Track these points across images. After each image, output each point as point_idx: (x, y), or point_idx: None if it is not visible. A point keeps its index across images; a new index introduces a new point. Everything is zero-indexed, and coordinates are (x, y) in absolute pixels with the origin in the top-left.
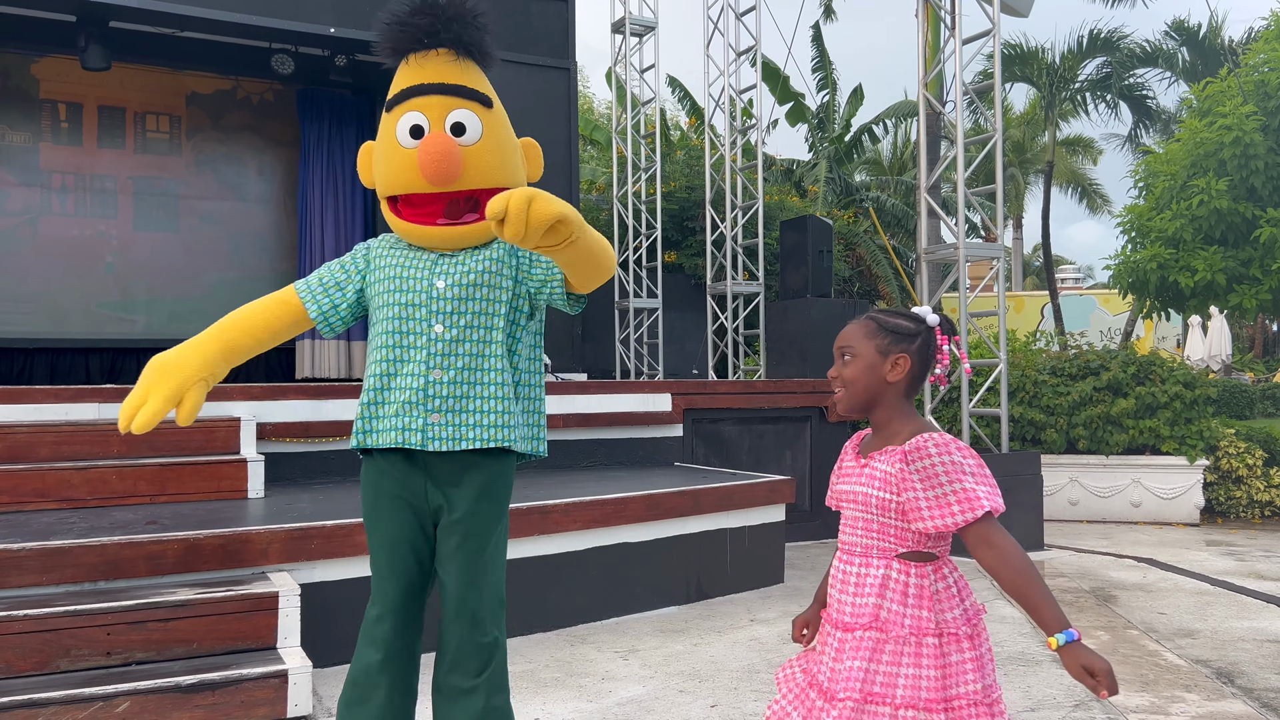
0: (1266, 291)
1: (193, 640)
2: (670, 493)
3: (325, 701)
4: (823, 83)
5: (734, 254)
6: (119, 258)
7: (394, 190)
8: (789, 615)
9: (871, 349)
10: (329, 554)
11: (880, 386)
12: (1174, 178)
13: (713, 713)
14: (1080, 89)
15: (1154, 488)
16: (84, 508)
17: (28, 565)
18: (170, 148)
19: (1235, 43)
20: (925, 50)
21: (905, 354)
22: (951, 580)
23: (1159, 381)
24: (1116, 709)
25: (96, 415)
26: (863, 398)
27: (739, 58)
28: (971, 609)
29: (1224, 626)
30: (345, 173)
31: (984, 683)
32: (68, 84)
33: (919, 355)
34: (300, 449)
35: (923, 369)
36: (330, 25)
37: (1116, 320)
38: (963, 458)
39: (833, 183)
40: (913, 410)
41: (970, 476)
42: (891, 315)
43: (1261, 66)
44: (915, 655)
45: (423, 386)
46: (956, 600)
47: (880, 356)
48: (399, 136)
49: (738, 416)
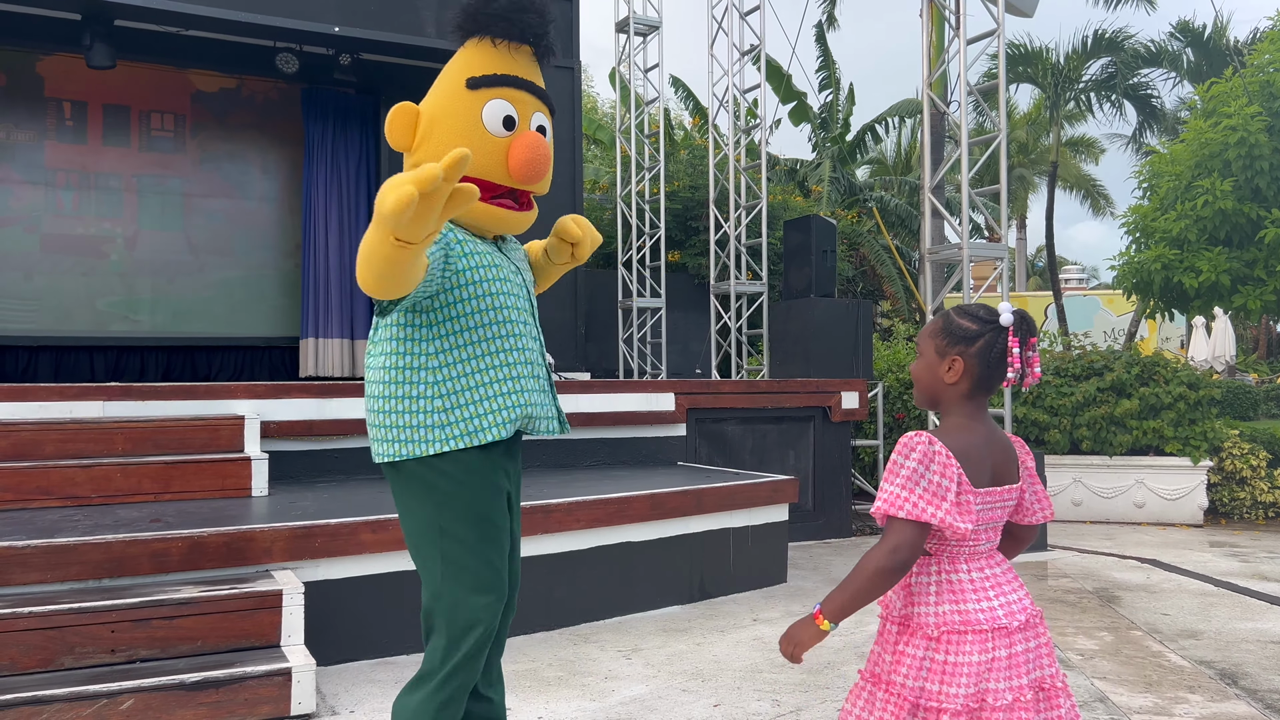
0: (1271, 292)
1: (197, 638)
2: (673, 492)
3: (328, 699)
4: (826, 82)
5: (737, 253)
6: (123, 256)
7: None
8: (792, 615)
9: (932, 348)
10: (333, 552)
11: (939, 386)
12: (1179, 178)
13: (715, 712)
14: (1085, 89)
15: (1158, 489)
16: (88, 505)
17: (32, 563)
18: (175, 146)
19: (1240, 43)
20: (930, 50)
21: (959, 356)
22: (933, 579)
23: (1163, 382)
24: (1120, 710)
25: (101, 413)
26: (926, 396)
27: (743, 57)
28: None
29: (1228, 628)
30: (349, 171)
31: (921, 684)
32: (73, 82)
33: (979, 358)
34: (304, 447)
35: (985, 372)
36: (335, 24)
37: (1120, 321)
38: (906, 459)
39: (836, 182)
40: (968, 412)
41: (899, 479)
42: (962, 313)
43: (1267, 67)
44: (878, 633)
45: (545, 374)
46: (932, 598)
47: (938, 357)
48: (487, 121)
49: (741, 416)
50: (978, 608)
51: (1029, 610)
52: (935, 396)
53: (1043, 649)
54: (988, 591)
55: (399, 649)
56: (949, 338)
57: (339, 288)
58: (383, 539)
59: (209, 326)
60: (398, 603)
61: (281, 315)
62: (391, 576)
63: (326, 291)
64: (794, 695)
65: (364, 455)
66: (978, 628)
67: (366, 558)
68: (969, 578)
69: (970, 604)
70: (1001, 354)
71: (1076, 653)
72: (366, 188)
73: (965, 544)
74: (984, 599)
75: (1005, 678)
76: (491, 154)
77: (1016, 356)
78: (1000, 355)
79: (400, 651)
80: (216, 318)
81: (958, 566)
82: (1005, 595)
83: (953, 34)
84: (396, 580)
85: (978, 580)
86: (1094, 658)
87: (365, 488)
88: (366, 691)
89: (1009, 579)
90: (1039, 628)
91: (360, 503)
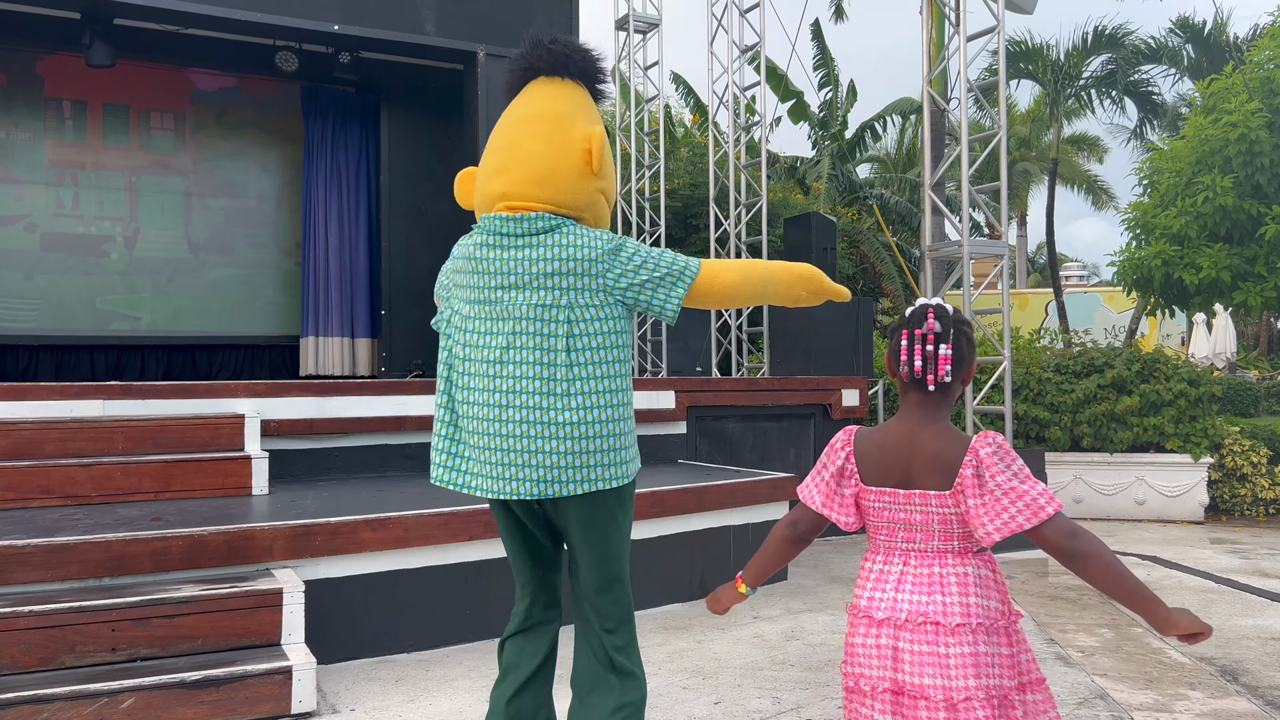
0: (1272, 289)
1: (197, 637)
2: (674, 490)
3: (329, 697)
4: (825, 79)
5: (738, 251)
6: (124, 255)
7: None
8: (792, 613)
9: None
10: (333, 551)
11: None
12: (1179, 174)
13: (716, 710)
14: (1085, 85)
15: (1158, 485)
16: (88, 504)
17: (33, 562)
18: (175, 145)
19: (1240, 40)
20: (930, 47)
21: (888, 351)
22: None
23: (1163, 379)
24: (1121, 706)
25: (101, 412)
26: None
27: (742, 55)
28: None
29: (1228, 624)
30: (349, 169)
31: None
32: (72, 81)
33: (892, 353)
34: (304, 445)
35: (896, 367)
36: (334, 23)
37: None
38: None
39: (836, 180)
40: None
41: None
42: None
43: (1267, 63)
44: None
45: None
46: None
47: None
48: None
49: (741, 414)
50: (863, 594)
51: (914, 612)
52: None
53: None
54: (876, 583)
55: (399, 647)
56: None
57: (339, 286)
58: (383, 537)
59: (209, 325)
60: (398, 601)
61: (282, 314)
62: (391, 575)
63: (327, 290)
64: (794, 693)
65: (364, 453)
66: (857, 613)
67: (366, 556)
68: (869, 568)
69: (863, 591)
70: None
71: (1077, 650)
72: (366, 186)
73: (877, 537)
74: (866, 587)
75: (872, 665)
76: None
77: (904, 349)
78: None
79: (401, 650)
80: (216, 316)
81: (868, 557)
82: (886, 591)
83: (953, 31)
84: (396, 579)
85: (876, 572)
86: (1094, 655)
87: (365, 486)
88: (367, 690)
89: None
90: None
91: (360, 501)
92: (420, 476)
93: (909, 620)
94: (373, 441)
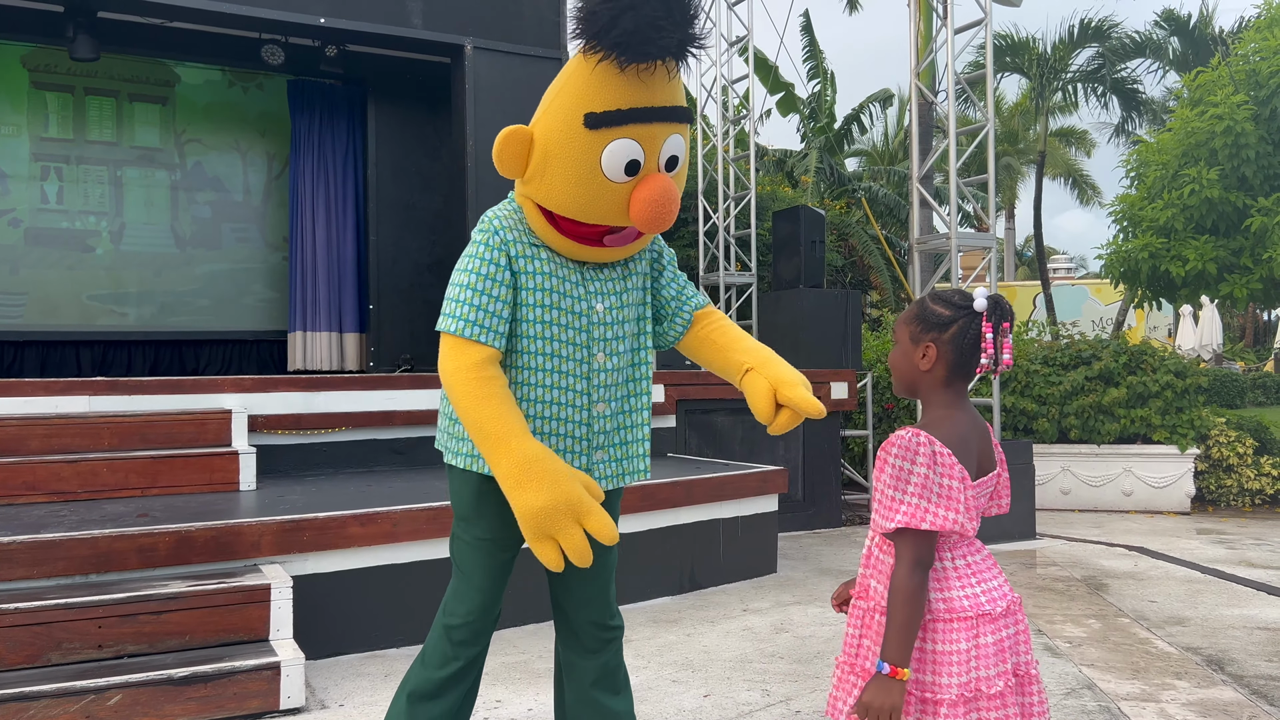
0: (1257, 280)
1: (185, 633)
2: (663, 483)
3: (318, 693)
4: (814, 71)
5: (726, 244)
6: (109, 249)
7: (581, 218)
8: (782, 605)
9: (906, 335)
10: (321, 546)
11: (916, 374)
12: (1165, 167)
13: (706, 703)
14: (1071, 79)
15: (1145, 477)
16: (75, 500)
17: (18, 558)
18: (160, 139)
19: (1226, 32)
20: (918, 40)
21: (933, 343)
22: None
23: (1150, 371)
24: (1108, 696)
25: (87, 408)
26: (904, 384)
27: (730, 48)
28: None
29: (1214, 614)
30: (336, 163)
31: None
32: (56, 74)
33: (952, 344)
34: (292, 441)
35: (959, 358)
36: (320, 16)
37: (1108, 310)
38: (913, 464)
39: (824, 173)
40: (948, 400)
41: (911, 488)
42: (936, 299)
43: (1252, 56)
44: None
45: (586, 421)
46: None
47: (912, 344)
48: (607, 168)
49: (731, 407)
50: (962, 594)
51: (1009, 596)
52: (913, 384)
53: (1020, 635)
54: (971, 579)
55: (388, 642)
56: (923, 324)
57: (326, 281)
58: (371, 532)
59: (196, 320)
60: (386, 596)
61: (269, 308)
62: (380, 570)
63: (314, 284)
64: (784, 685)
65: (352, 448)
66: (964, 615)
67: (355, 551)
68: (953, 566)
69: (955, 592)
70: (975, 340)
71: (1065, 640)
72: (354, 179)
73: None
74: (968, 586)
75: (994, 664)
76: (612, 201)
77: (990, 342)
78: (974, 341)
79: (389, 645)
80: (203, 311)
81: (942, 555)
82: (987, 582)
83: (940, 23)
84: (385, 573)
85: (961, 568)
86: (1082, 645)
87: (353, 481)
88: (356, 685)
89: (988, 565)
90: (1018, 614)
91: (348, 496)
92: (408, 471)
93: (1013, 602)
94: (361, 436)
